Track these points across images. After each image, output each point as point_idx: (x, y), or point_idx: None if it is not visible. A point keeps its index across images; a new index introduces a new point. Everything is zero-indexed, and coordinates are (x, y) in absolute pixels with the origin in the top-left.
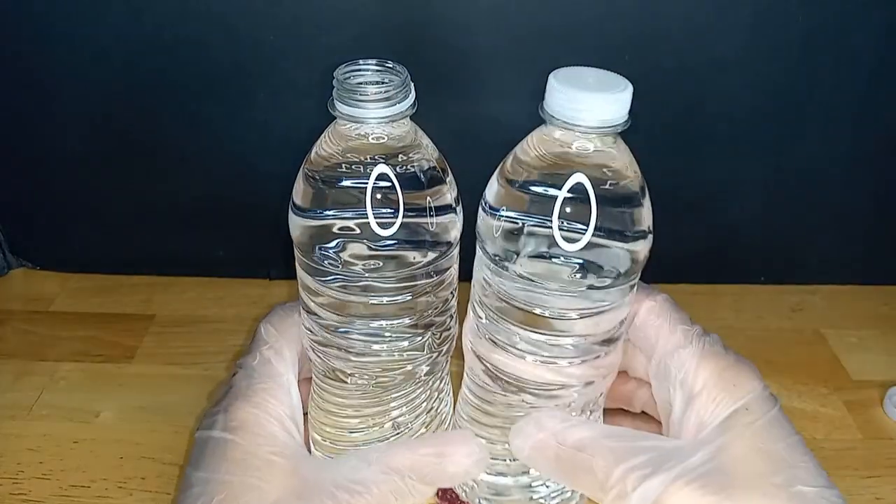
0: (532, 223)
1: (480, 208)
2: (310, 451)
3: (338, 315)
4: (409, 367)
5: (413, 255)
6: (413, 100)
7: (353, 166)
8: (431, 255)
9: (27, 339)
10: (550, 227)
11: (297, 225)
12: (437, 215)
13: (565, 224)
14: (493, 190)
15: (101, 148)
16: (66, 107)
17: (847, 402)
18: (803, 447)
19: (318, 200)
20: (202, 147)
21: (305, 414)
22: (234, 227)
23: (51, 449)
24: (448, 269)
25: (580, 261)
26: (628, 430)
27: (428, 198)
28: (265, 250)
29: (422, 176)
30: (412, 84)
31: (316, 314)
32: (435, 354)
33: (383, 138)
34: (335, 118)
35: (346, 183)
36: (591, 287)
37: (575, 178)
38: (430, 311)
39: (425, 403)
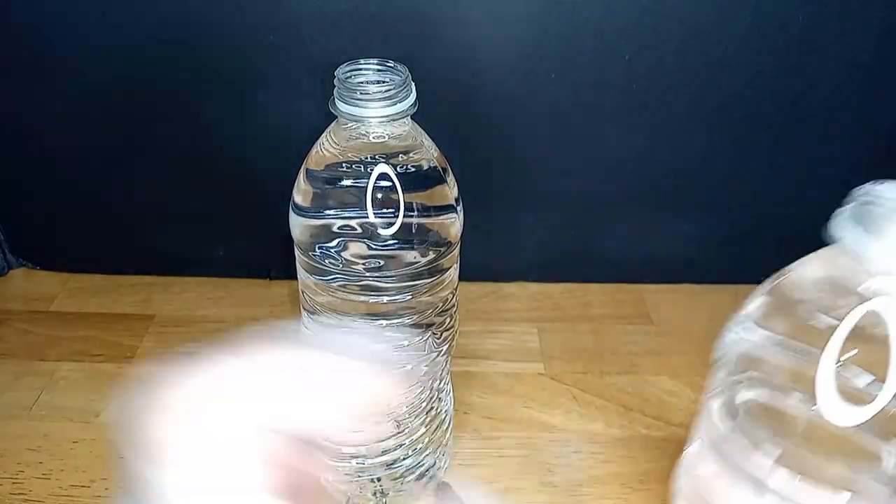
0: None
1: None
2: None
3: (337, 314)
4: (409, 367)
5: (413, 255)
6: (414, 99)
7: (353, 166)
8: (432, 255)
9: (27, 339)
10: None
11: (298, 224)
12: (437, 215)
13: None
14: None
15: (101, 148)
16: (66, 107)
17: None
18: None
19: (318, 200)
20: (202, 147)
21: None
22: (234, 227)
23: (51, 449)
24: (448, 268)
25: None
26: None
27: (429, 197)
28: (265, 250)
29: (422, 175)
30: (413, 83)
31: (317, 314)
32: (435, 354)
33: (384, 137)
34: (336, 118)
35: (346, 182)
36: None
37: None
38: (429, 311)
39: (425, 403)
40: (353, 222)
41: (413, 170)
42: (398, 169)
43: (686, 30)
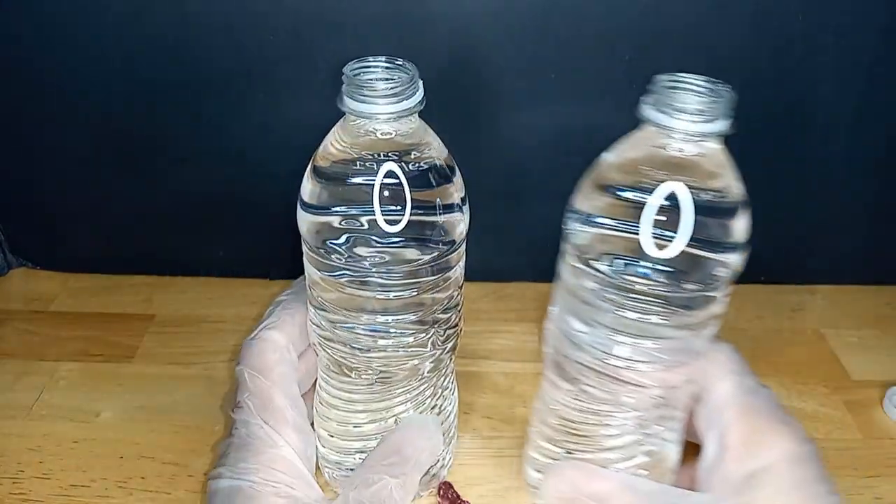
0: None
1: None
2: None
3: (344, 310)
4: (414, 363)
5: (419, 252)
6: (421, 97)
7: (361, 163)
8: (437, 253)
9: (27, 339)
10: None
11: (305, 220)
12: (443, 213)
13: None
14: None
15: (101, 148)
16: (66, 107)
17: (847, 401)
18: None
19: (325, 196)
20: (202, 147)
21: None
22: (234, 227)
23: (51, 449)
24: (454, 266)
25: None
26: (651, 484)
27: (435, 195)
28: (265, 250)
29: (429, 173)
30: (420, 81)
31: (323, 309)
32: (439, 351)
33: (391, 135)
34: (343, 115)
35: (353, 179)
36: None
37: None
38: (435, 308)
39: (429, 400)
40: (360, 219)
41: (420, 167)
42: (406, 166)
43: (686, 30)
